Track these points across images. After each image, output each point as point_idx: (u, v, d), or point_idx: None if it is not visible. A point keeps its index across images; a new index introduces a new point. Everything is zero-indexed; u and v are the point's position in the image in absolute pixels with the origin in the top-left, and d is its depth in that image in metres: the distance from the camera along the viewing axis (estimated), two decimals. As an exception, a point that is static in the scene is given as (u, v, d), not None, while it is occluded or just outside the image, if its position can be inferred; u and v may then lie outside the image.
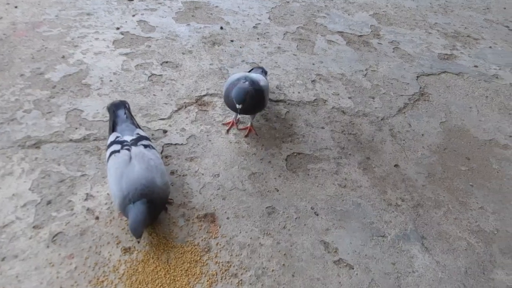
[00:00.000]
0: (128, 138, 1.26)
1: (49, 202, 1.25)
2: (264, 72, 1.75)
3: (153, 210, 1.09)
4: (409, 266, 1.24)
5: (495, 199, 1.51)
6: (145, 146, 1.24)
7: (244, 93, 1.35)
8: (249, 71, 1.70)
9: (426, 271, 1.23)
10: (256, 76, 1.53)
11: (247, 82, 1.41)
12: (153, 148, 1.27)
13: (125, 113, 1.36)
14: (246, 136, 1.58)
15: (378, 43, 2.37)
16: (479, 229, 1.38)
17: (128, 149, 1.21)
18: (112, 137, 1.27)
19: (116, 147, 1.23)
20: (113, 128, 1.31)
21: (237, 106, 1.35)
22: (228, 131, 1.59)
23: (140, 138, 1.27)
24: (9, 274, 1.07)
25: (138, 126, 1.34)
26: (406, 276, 1.21)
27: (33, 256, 1.11)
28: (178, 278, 1.11)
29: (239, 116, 1.58)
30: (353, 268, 1.20)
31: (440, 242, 1.32)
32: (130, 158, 1.18)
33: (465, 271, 1.25)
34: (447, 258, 1.27)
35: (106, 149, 1.27)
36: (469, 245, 1.33)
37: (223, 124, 1.62)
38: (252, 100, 1.39)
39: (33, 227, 1.18)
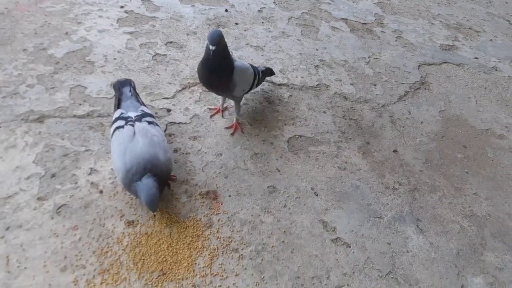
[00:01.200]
0: (132, 114, 1.23)
1: (53, 175, 1.23)
2: (270, 72, 1.64)
3: (159, 184, 1.07)
4: (403, 246, 1.24)
5: (489, 186, 1.51)
6: (149, 123, 1.21)
7: (219, 35, 1.21)
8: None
9: (420, 251, 1.24)
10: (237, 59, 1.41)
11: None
12: (157, 125, 1.24)
13: (130, 91, 1.32)
14: (232, 134, 1.46)
15: (382, 31, 2.31)
16: (472, 213, 1.39)
17: (132, 125, 1.18)
18: (116, 114, 1.25)
19: (120, 122, 1.20)
20: (118, 105, 1.28)
21: (211, 47, 1.21)
22: (212, 116, 1.52)
23: (145, 114, 1.24)
24: (14, 243, 1.06)
25: (142, 104, 1.31)
26: (400, 255, 1.22)
27: (37, 227, 1.10)
28: (180, 251, 1.11)
29: (226, 104, 1.54)
30: (350, 247, 1.21)
31: (434, 225, 1.32)
32: (134, 133, 1.16)
33: (457, 252, 1.26)
34: (440, 240, 1.28)
35: (111, 126, 1.24)
36: (462, 228, 1.33)
37: (209, 108, 1.55)
38: (220, 60, 1.25)
39: (37, 198, 1.16)
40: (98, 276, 1.02)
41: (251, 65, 1.48)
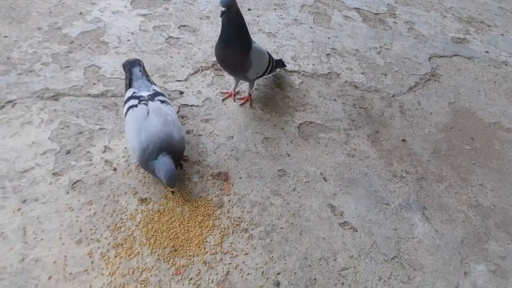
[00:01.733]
0: (144, 93, 1.20)
1: (68, 152, 1.21)
2: (282, 64, 1.62)
3: (174, 162, 1.05)
4: (409, 232, 1.22)
5: (495, 177, 1.47)
6: (162, 102, 1.18)
7: (231, 0, 1.18)
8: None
9: (425, 238, 1.22)
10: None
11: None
12: (169, 104, 1.21)
13: (140, 71, 1.28)
14: (241, 105, 1.47)
15: (394, 22, 2.23)
16: (478, 203, 1.36)
17: (146, 104, 1.15)
18: (129, 93, 1.21)
19: (134, 102, 1.17)
20: (129, 85, 1.25)
21: (221, 8, 1.17)
22: (223, 100, 1.48)
23: (156, 94, 1.21)
24: (30, 216, 1.05)
25: (153, 83, 1.28)
26: (406, 241, 1.20)
27: (53, 200, 1.09)
28: (192, 229, 1.09)
29: (238, 88, 1.51)
30: (357, 231, 1.19)
31: (440, 213, 1.30)
32: (148, 112, 1.13)
33: (461, 240, 1.24)
34: (445, 228, 1.26)
35: (124, 105, 1.21)
36: (467, 217, 1.31)
37: (221, 92, 1.52)
38: (234, 28, 1.23)
39: (53, 174, 1.14)
40: (112, 250, 1.01)
41: (267, 52, 1.44)
